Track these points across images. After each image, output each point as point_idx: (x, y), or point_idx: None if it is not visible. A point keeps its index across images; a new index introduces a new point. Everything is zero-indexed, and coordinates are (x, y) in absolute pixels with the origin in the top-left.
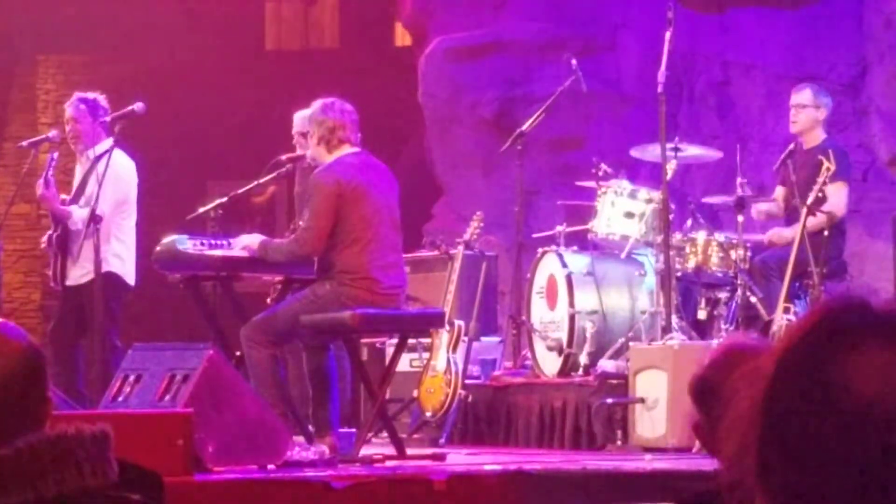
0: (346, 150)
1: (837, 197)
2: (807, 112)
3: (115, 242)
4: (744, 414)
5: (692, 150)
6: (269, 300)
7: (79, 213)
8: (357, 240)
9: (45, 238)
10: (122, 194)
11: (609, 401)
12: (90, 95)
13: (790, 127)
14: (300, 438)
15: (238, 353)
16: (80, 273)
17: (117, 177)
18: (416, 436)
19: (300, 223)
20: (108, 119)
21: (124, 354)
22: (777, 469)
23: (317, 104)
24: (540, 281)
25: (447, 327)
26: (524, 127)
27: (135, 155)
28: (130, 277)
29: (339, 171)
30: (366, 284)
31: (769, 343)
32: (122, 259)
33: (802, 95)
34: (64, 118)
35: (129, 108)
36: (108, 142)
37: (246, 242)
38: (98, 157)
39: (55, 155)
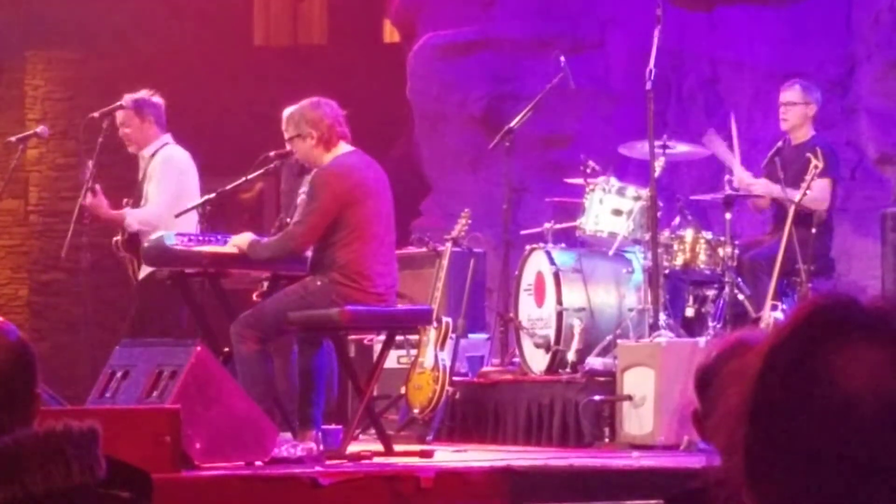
0: (343, 147)
1: (820, 192)
2: (797, 109)
3: None
4: (731, 411)
5: (680, 148)
6: (255, 296)
7: (132, 216)
8: (356, 238)
9: (114, 241)
10: (173, 189)
11: (597, 398)
12: (137, 95)
13: (781, 124)
14: (287, 434)
15: (226, 350)
16: (147, 271)
17: (164, 172)
18: (403, 433)
19: (287, 220)
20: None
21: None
22: (764, 465)
23: (304, 104)
24: (528, 278)
25: (435, 324)
26: (512, 124)
27: (122, 151)
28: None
29: (343, 171)
30: (359, 284)
31: None
32: None
33: (792, 93)
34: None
35: (117, 103)
36: (163, 139)
37: (237, 242)
38: (153, 156)
39: (90, 163)
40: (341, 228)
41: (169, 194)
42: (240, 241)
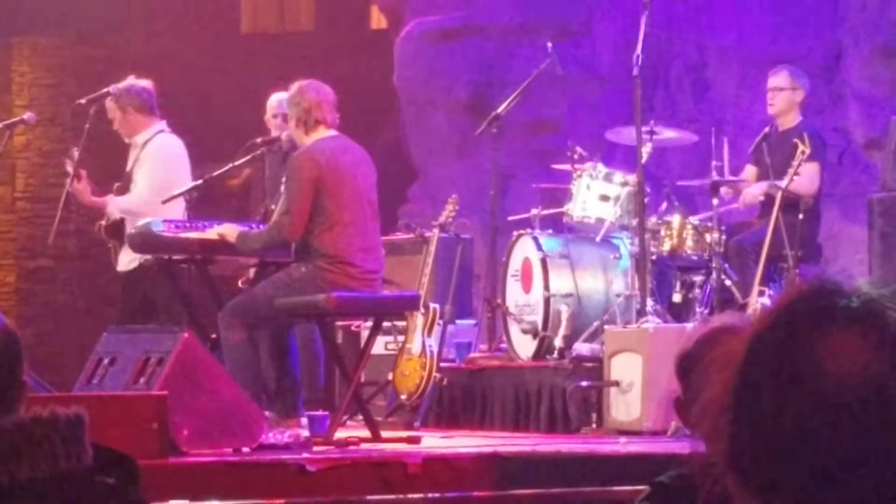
0: (323, 132)
1: (807, 177)
2: (784, 94)
3: None
4: (715, 397)
5: (667, 134)
6: (240, 283)
7: (115, 203)
8: (335, 223)
9: (97, 225)
10: (160, 177)
11: (584, 384)
12: (122, 84)
13: (768, 109)
14: (274, 420)
15: (213, 336)
16: (128, 259)
17: (154, 160)
18: (391, 419)
19: (272, 206)
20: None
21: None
22: (749, 452)
23: (294, 86)
24: (515, 264)
25: (422, 310)
26: (499, 110)
27: (112, 138)
28: None
29: (317, 154)
30: (343, 269)
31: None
32: None
33: (779, 78)
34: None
35: (104, 90)
36: (156, 126)
37: (222, 232)
38: (146, 143)
39: (76, 150)
40: (319, 214)
41: (155, 182)
42: (226, 231)
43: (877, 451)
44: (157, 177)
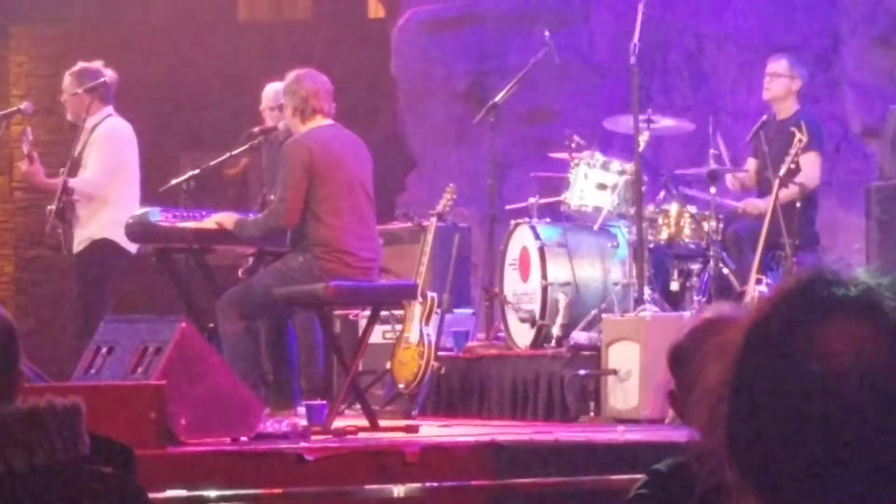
0: (320, 121)
1: (811, 168)
2: (781, 81)
3: (112, 209)
4: (712, 387)
5: (665, 122)
6: (240, 272)
7: (70, 184)
8: (330, 212)
9: (48, 210)
10: (113, 160)
11: (582, 372)
12: (78, 66)
13: (763, 93)
14: (273, 410)
15: (211, 326)
16: (77, 241)
17: (106, 143)
18: (388, 408)
19: (270, 196)
20: (91, 87)
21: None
22: (746, 442)
23: (291, 75)
24: (513, 253)
25: (420, 299)
26: (497, 99)
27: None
28: (131, 245)
29: (310, 143)
30: (339, 257)
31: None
32: (119, 225)
33: (778, 65)
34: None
35: (101, 79)
36: (105, 111)
37: (220, 219)
38: (94, 128)
39: (28, 130)
40: (314, 202)
41: (108, 164)
42: (223, 219)
43: (874, 439)
44: (110, 159)
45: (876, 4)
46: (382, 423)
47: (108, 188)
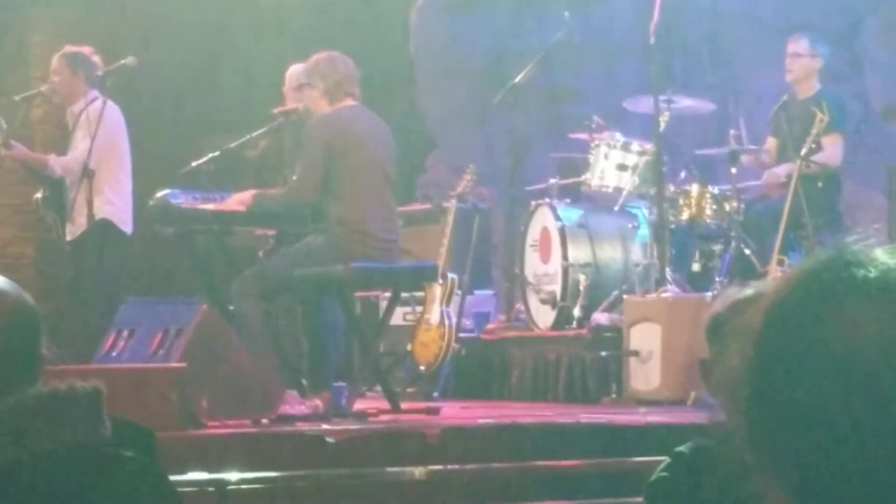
0: (347, 103)
1: (833, 148)
2: (802, 61)
3: (107, 191)
4: (732, 369)
5: (685, 102)
6: (260, 253)
7: (56, 161)
8: (350, 192)
9: (34, 199)
10: (106, 143)
11: (603, 353)
12: (71, 50)
13: (785, 76)
14: (293, 392)
15: (231, 307)
16: (74, 226)
17: (93, 123)
18: (409, 389)
19: (292, 177)
20: (98, 73)
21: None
22: (766, 425)
23: (322, 56)
24: (533, 234)
25: (440, 280)
26: (516, 79)
27: (127, 110)
28: (126, 225)
29: (332, 122)
30: (359, 237)
31: None
32: (115, 206)
33: (799, 44)
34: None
35: (121, 62)
36: (91, 94)
37: (240, 197)
38: (82, 111)
39: (2, 121)
40: (334, 182)
41: (95, 142)
42: (244, 196)
43: (893, 424)
44: (98, 139)
45: None
46: (403, 404)
47: (101, 172)
